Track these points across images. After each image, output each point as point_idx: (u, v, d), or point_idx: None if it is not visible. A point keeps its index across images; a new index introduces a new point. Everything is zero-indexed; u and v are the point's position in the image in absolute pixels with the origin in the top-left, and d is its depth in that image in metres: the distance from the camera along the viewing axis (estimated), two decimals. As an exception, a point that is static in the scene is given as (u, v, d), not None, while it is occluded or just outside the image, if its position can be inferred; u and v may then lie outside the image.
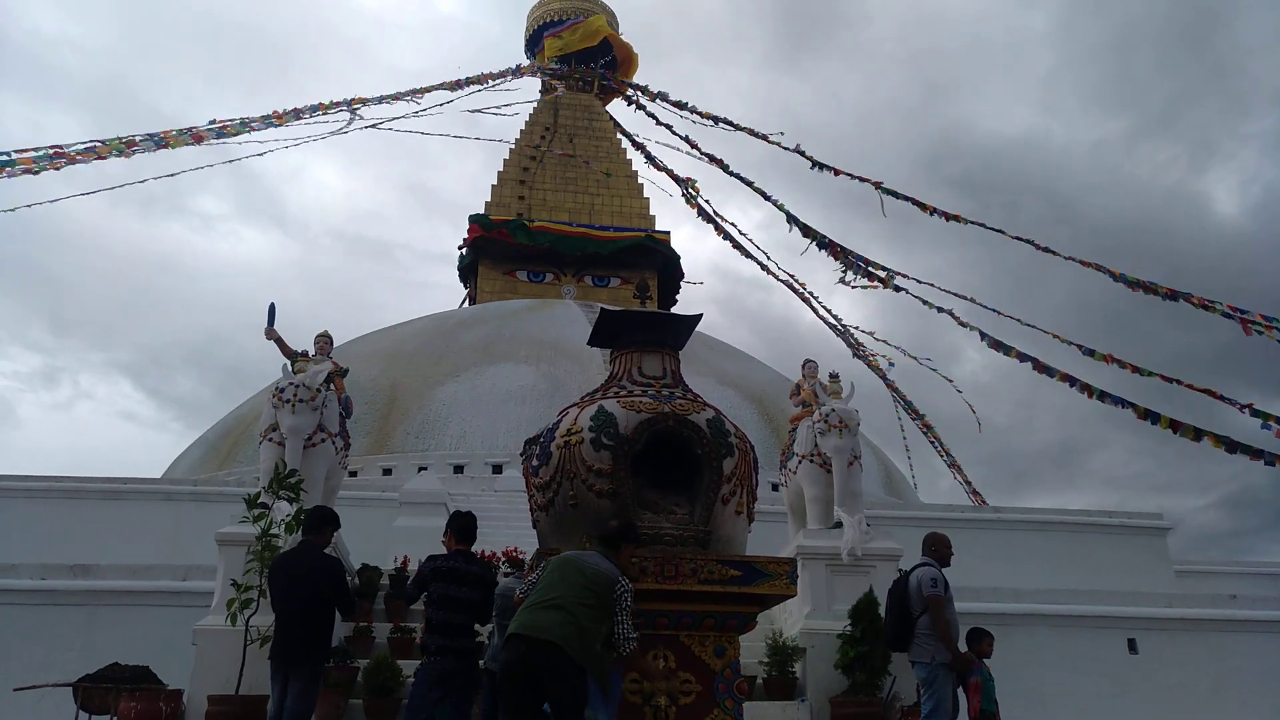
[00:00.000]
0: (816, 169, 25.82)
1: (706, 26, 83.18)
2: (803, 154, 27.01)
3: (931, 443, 30.43)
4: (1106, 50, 73.62)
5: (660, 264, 33.37)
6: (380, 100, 27.40)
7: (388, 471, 20.47)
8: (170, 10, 78.40)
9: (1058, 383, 19.37)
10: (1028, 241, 22.27)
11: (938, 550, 8.32)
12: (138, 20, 76.90)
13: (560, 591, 5.65)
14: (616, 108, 38.19)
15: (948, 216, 23.62)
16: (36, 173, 16.95)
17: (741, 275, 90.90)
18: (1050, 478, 65.29)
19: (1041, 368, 19.71)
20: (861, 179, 25.48)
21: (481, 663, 7.64)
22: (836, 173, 25.54)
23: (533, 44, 38.76)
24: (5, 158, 16.48)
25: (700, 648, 6.68)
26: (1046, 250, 21.86)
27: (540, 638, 5.49)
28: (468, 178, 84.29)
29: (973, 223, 23.36)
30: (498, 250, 32.41)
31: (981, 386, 61.51)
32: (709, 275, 76.33)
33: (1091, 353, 19.36)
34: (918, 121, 77.10)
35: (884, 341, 30.06)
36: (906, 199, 24.45)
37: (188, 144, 20.67)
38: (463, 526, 7.57)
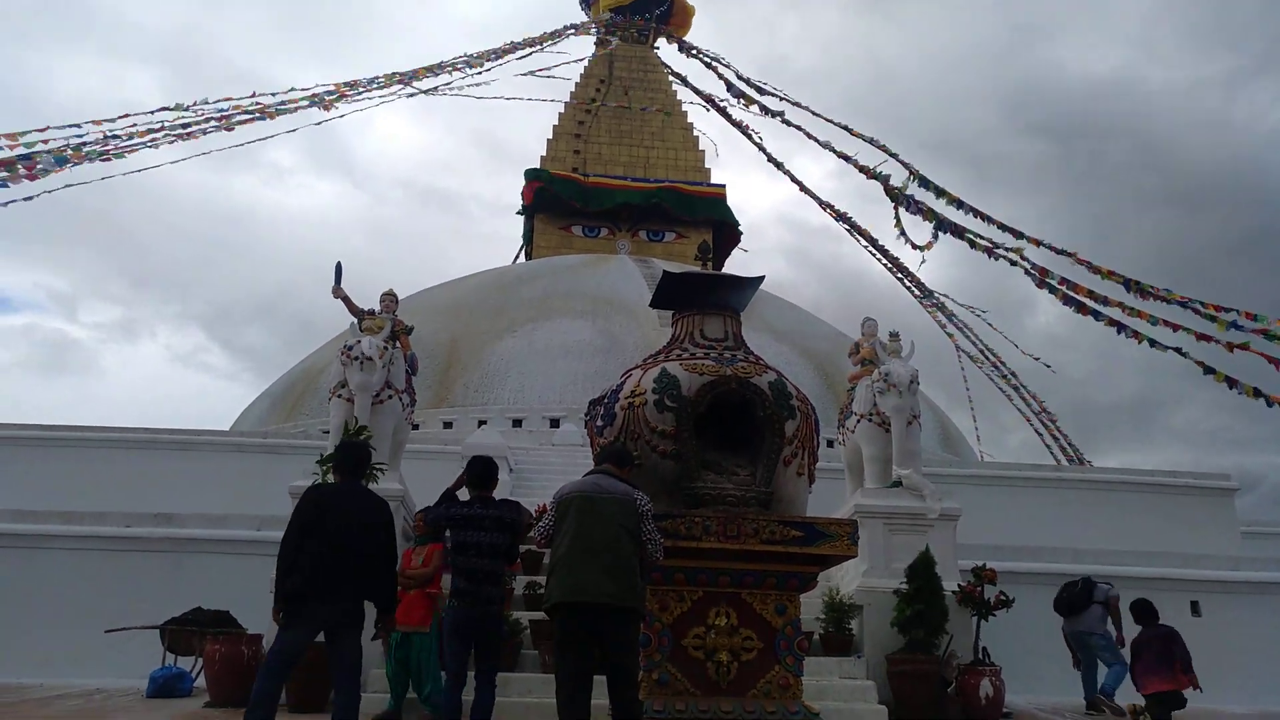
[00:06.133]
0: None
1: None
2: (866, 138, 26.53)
3: (1018, 396, 29.96)
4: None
5: (716, 219, 33.18)
6: (439, 69, 27.47)
7: (448, 425, 20.88)
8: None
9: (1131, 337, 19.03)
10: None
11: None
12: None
13: (595, 538, 5.84)
14: (672, 55, 37.78)
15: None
16: (110, 159, 17.25)
17: (811, 226, 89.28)
18: (1127, 433, 63.89)
19: (1111, 322, 19.30)
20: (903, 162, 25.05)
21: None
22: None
23: (588, -5, 38.37)
24: (84, 138, 16.71)
25: (762, 606, 6.82)
26: (1065, 254, 21.14)
27: (592, 602, 5.69)
28: (536, 128, 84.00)
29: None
30: (553, 205, 32.47)
31: (1056, 339, 60.25)
32: (776, 225, 75.00)
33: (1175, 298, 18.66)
34: (1003, 64, 74.49)
35: (946, 296, 29.64)
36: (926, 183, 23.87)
37: (255, 119, 21.06)
38: (478, 473, 7.13)
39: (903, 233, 24.52)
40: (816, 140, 28.73)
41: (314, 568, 6.21)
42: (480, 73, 29.00)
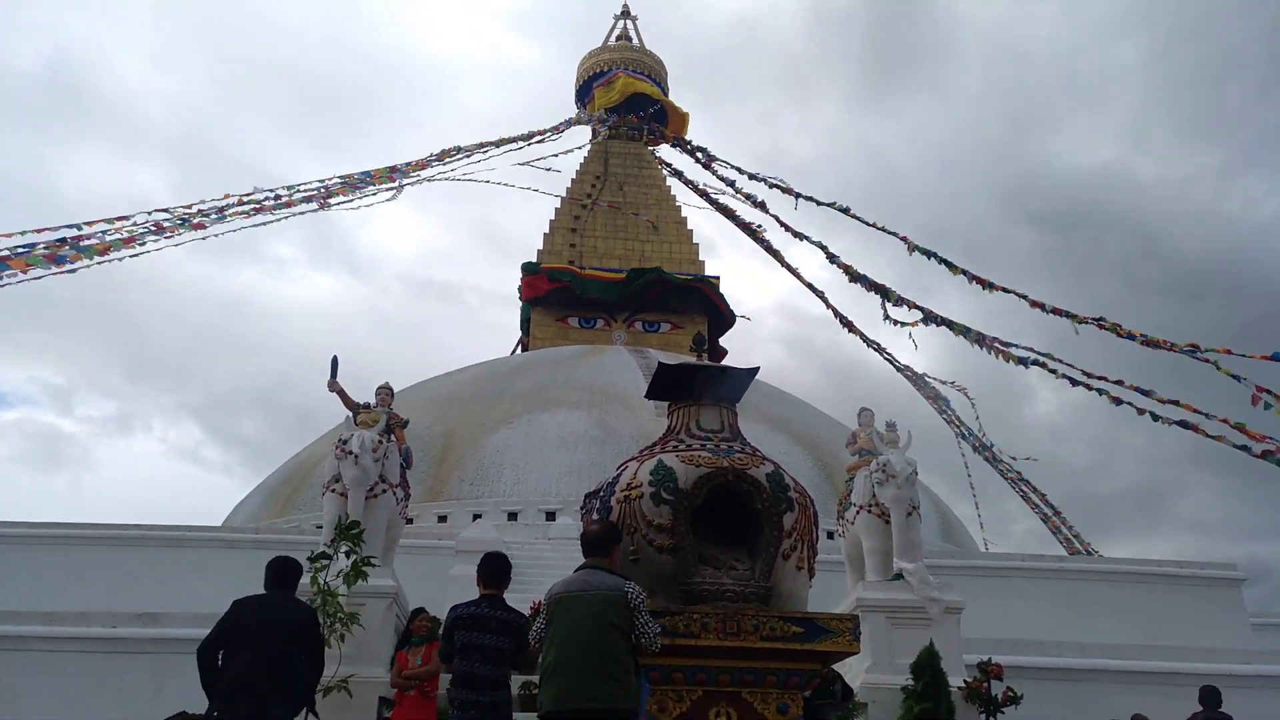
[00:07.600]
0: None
1: (787, 63, 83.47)
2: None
3: (1019, 488, 29.87)
4: (1200, 82, 72.36)
5: (710, 309, 33.54)
6: (435, 159, 28.16)
7: (443, 519, 20.64)
8: (249, 62, 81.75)
9: (1138, 418, 19.06)
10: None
11: None
12: (218, 72, 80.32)
13: (583, 640, 5.65)
14: (669, 151, 38.74)
15: (983, 283, 23.70)
16: (100, 259, 17.47)
17: (810, 314, 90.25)
18: (1132, 523, 63.26)
19: (1094, 389, 19.39)
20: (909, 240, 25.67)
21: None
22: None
23: (583, 94, 39.53)
24: (86, 244, 16.94)
25: (763, 705, 6.62)
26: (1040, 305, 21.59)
27: (588, 708, 5.53)
28: (534, 219, 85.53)
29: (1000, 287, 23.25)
30: (549, 297, 32.82)
31: (1056, 428, 60.22)
32: (775, 314, 75.69)
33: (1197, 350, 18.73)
34: (1001, 157, 76.48)
35: (939, 380, 29.83)
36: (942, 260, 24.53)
37: (248, 214, 21.51)
38: (490, 570, 6.95)
39: (888, 315, 25.02)
40: (809, 239, 29.37)
41: (243, 673, 6.39)
42: (479, 161, 29.76)
